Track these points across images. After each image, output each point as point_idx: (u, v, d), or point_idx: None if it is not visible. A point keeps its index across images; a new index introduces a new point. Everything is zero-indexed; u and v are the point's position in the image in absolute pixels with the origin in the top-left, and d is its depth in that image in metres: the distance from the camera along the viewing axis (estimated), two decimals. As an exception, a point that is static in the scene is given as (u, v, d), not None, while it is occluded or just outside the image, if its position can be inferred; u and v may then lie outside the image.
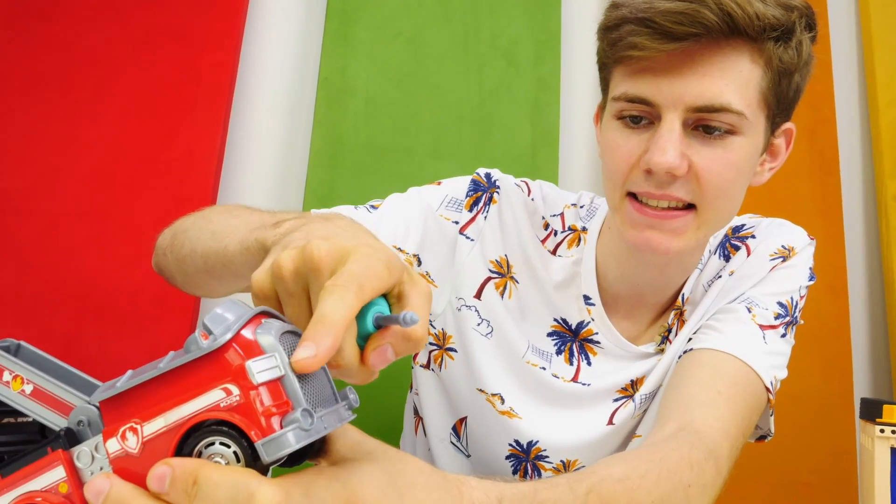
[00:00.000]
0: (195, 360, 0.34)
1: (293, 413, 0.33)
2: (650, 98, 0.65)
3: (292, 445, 0.32)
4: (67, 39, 1.37)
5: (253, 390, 0.33)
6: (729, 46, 0.63)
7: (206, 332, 0.34)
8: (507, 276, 0.80)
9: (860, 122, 1.52)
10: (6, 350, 0.39)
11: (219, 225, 0.59)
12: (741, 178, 0.68)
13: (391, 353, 0.39)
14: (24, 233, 1.30)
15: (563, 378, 0.78)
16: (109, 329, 1.28)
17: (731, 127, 0.65)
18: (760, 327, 0.73)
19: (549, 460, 0.78)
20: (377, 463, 0.37)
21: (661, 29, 0.61)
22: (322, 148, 1.37)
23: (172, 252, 0.68)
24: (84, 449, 0.36)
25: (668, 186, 0.65)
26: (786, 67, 0.66)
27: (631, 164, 0.67)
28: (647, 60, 0.64)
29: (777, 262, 0.77)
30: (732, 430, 0.64)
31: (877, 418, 0.88)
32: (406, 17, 1.42)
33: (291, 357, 0.35)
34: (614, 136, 0.69)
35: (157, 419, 0.34)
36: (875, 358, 1.45)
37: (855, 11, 1.56)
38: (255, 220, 0.54)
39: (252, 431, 0.33)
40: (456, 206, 0.80)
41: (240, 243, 0.52)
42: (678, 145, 0.64)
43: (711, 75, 0.63)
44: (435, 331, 0.82)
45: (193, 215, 0.69)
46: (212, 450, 0.33)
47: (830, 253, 1.40)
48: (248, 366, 0.33)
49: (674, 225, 0.66)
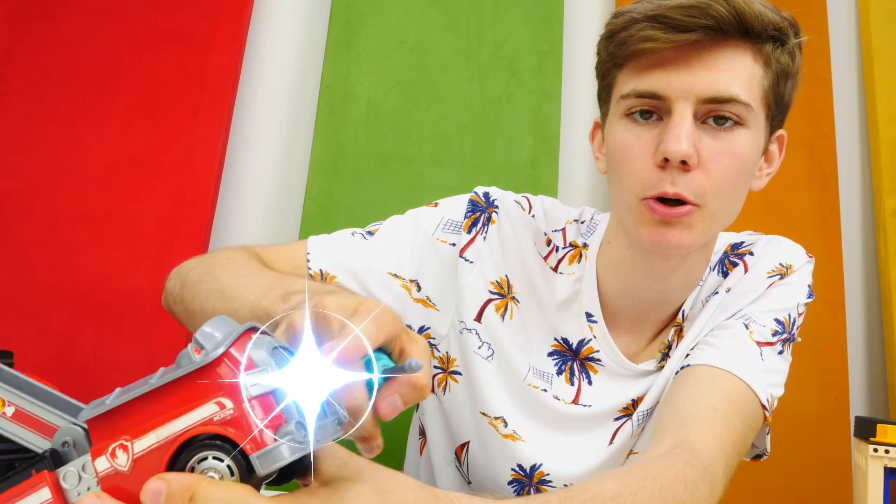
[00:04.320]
0: (187, 375, 0.34)
1: (287, 425, 0.33)
2: (660, 91, 0.66)
3: (287, 458, 0.33)
4: (71, 41, 1.37)
5: (246, 404, 0.33)
6: (734, 43, 0.66)
7: (198, 348, 0.34)
8: (508, 296, 0.79)
9: (859, 138, 1.53)
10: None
11: (227, 286, 0.61)
12: (744, 173, 0.69)
13: (400, 402, 0.40)
14: (25, 233, 1.30)
15: (564, 400, 0.78)
16: (108, 331, 1.28)
17: (738, 118, 0.67)
18: (758, 344, 0.73)
19: (553, 485, 0.78)
20: (367, 482, 0.37)
21: (673, 22, 0.64)
22: (323, 155, 1.37)
23: (182, 303, 0.69)
24: (71, 469, 0.35)
25: (679, 183, 0.66)
26: (783, 70, 0.69)
27: (645, 161, 0.67)
28: (656, 55, 0.66)
29: (775, 279, 0.77)
30: (728, 448, 0.64)
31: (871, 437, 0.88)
32: (409, 25, 1.43)
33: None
34: (624, 135, 0.69)
35: (148, 435, 0.34)
36: (872, 374, 1.45)
37: (856, 28, 1.57)
38: (263, 285, 0.56)
39: (247, 444, 0.33)
40: (453, 228, 0.80)
41: (251, 312, 0.54)
42: (691, 135, 0.65)
43: (719, 68, 0.65)
44: (440, 354, 0.81)
45: (199, 266, 0.70)
46: (205, 465, 0.33)
47: (828, 268, 1.40)
48: (241, 380, 0.33)
49: (684, 220, 0.68)
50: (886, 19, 1.52)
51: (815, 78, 1.48)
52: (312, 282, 0.55)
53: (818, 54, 1.49)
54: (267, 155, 1.43)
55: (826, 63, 1.50)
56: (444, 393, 0.81)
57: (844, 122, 1.51)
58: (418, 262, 0.77)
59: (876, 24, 1.51)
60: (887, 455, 0.89)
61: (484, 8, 1.45)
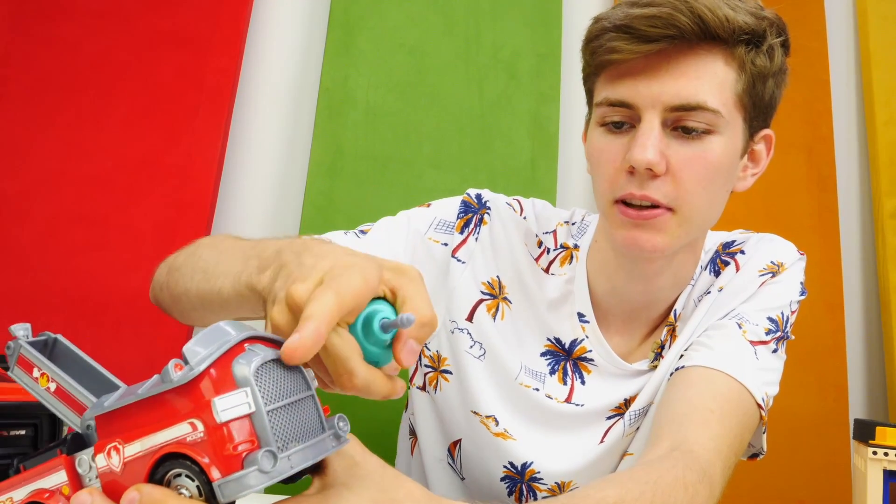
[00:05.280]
0: (168, 391, 0.34)
1: (255, 454, 0.33)
2: (629, 100, 0.67)
3: (252, 486, 0.32)
4: (71, 43, 1.38)
5: (217, 429, 0.33)
6: (703, 49, 0.66)
7: (180, 364, 0.34)
8: (500, 297, 0.80)
9: (857, 140, 1.53)
10: (44, 344, 0.41)
11: (208, 263, 0.61)
12: (719, 177, 0.69)
13: (415, 344, 0.41)
14: (24, 236, 1.31)
15: (557, 399, 0.78)
16: (106, 333, 1.29)
17: (707, 126, 0.67)
18: (751, 343, 0.73)
19: (544, 482, 0.78)
20: (368, 490, 0.37)
21: (638, 33, 0.65)
22: (322, 157, 1.37)
23: (168, 289, 0.69)
24: (83, 457, 0.37)
25: (648, 186, 0.67)
26: (759, 71, 0.68)
27: (616, 167, 0.69)
28: (625, 64, 0.67)
29: (766, 277, 0.77)
30: (725, 449, 0.64)
31: (870, 440, 0.88)
32: (408, 28, 1.43)
33: (282, 347, 0.35)
34: (599, 141, 0.71)
35: (135, 443, 0.35)
36: (870, 375, 1.45)
37: (853, 31, 1.57)
38: (239, 257, 0.56)
39: (212, 470, 0.32)
40: (445, 228, 0.80)
41: (233, 288, 0.53)
42: (657, 143, 0.66)
43: (687, 76, 0.66)
44: (430, 353, 0.82)
45: (184, 252, 0.70)
46: (178, 481, 0.34)
47: (827, 270, 1.41)
48: (213, 402, 0.33)
49: (655, 223, 0.68)
50: (884, 21, 1.52)
51: (814, 80, 1.49)
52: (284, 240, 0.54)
53: (816, 57, 1.50)
54: (266, 157, 1.43)
55: (824, 65, 1.50)
56: (436, 391, 0.82)
57: (843, 124, 1.51)
58: (410, 261, 0.78)
59: (874, 27, 1.52)
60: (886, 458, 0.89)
61: (482, 11, 1.45)
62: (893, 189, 1.44)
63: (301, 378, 0.38)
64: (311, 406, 0.38)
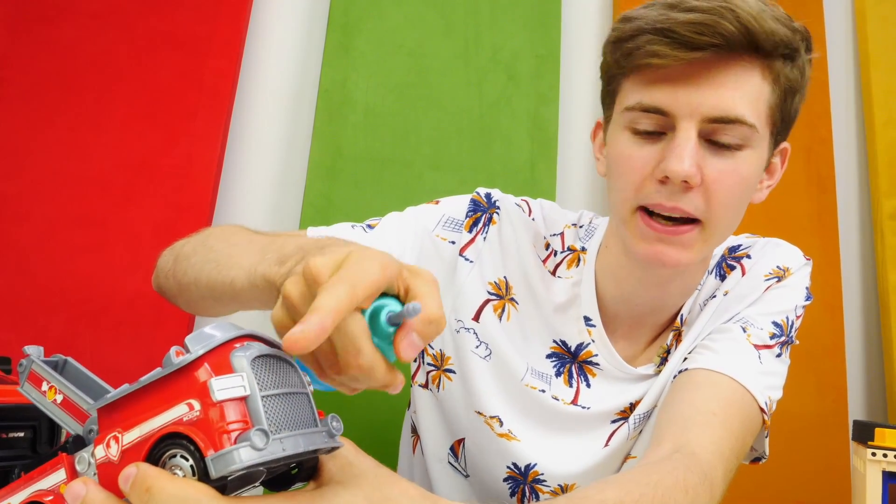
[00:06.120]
0: (168, 376, 0.36)
1: (248, 432, 0.34)
2: (666, 107, 0.65)
3: (242, 462, 0.33)
4: (69, 45, 1.37)
5: (213, 407, 0.34)
6: (743, 61, 0.64)
7: (181, 351, 0.36)
8: (506, 298, 0.79)
9: (856, 142, 1.53)
10: (55, 365, 0.43)
11: (220, 254, 0.60)
12: (747, 192, 0.69)
13: (418, 339, 0.40)
14: (23, 237, 1.30)
15: (564, 400, 0.78)
16: (106, 335, 1.28)
17: (742, 141, 0.66)
18: (755, 347, 0.73)
19: (547, 484, 0.78)
20: (361, 488, 0.37)
21: (682, 39, 0.62)
22: (321, 159, 1.37)
23: (175, 277, 0.69)
24: (83, 455, 0.38)
25: (679, 198, 0.65)
26: (791, 86, 0.67)
27: (645, 175, 0.67)
28: (663, 70, 0.65)
29: (772, 282, 0.77)
30: (727, 452, 0.64)
31: (869, 441, 0.88)
32: (407, 29, 1.43)
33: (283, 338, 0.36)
34: (625, 147, 0.69)
35: (134, 430, 0.36)
36: (870, 377, 1.45)
37: (852, 32, 1.57)
38: (255, 250, 0.55)
39: (205, 447, 0.34)
40: (454, 226, 0.80)
41: (247, 279, 0.53)
42: (694, 154, 0.64)
43: (726, 87, 0.64)
44: (433, 351, 0.81)
45: (193, 240, 0.69)
46: (173, 462, 0.35)
47: (826, 271, 1.41)
48: (210, 383, 0.34)
49: (683, 239, 0.67)
50: (883, 22, 1.52)
51: (813, 81, 1.46)
52: (306, 239, 0.53)
53: (815, 58, 1.50)
54: (265, 159, 1.43)
55: (823, 67, 1.50)
56: (439, 390, 0.81)
57: (842, 125, 1.52)
58: (417, 256, 0.77)
59: (873, 28, 1.52)
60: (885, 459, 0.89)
61: (482, 12, 1.45)
62: (892, 190, 1.44)
63: (297, 377, 0.39)
64: (305, 402, 0.38)
